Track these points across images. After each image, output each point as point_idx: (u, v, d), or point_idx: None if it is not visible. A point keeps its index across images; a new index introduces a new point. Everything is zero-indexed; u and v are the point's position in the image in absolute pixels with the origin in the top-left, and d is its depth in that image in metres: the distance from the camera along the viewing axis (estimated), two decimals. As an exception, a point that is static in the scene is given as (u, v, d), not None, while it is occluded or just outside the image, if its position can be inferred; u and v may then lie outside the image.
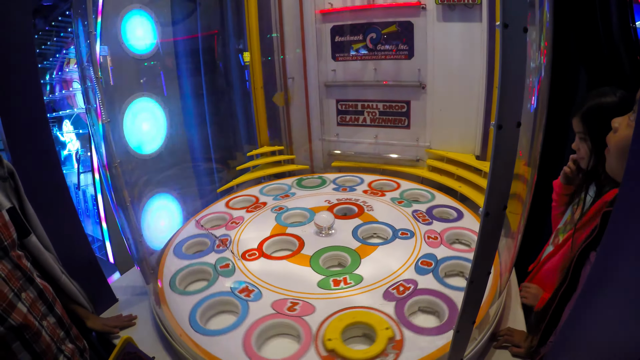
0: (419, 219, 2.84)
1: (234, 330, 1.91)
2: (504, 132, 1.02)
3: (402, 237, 2.61)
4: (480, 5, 3.16)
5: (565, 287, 1.47)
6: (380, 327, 1.83)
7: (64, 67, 6.14)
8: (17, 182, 1.70)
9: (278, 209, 3.17)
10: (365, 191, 3.42)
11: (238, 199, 3.48)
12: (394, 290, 2.10)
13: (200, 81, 3.83)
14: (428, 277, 2.19)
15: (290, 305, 2.05)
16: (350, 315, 1.94)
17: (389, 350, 1.73)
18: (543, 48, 1.54)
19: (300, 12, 3.87)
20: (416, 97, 3.67)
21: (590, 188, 1.98)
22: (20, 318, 1.42)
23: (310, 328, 1.89)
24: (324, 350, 1.75)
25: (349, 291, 2.13)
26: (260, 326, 1.92)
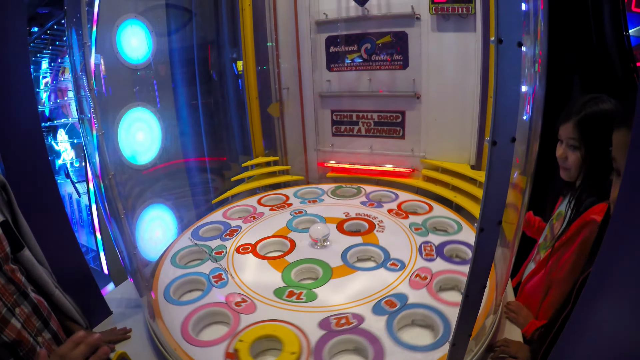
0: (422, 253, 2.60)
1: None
2: (499, 147, 1.02)
3: (390, 267, 2.45)
4: (474, 16, 3.18)
5: (568, 310, 1.45)
6: (288, 348, 1.83)
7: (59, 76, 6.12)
8: (10, 195, 1.67)
9: (297, 212, 3.23)
10: (390, 210, 3.26)
11: (272, 198, 3.66)
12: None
13: (195, 91, 3.82)
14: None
15: (240, 301, 2.16)
16: (271, 327, 1.96)
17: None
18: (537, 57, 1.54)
19: (295, 22, 3.88)
20: (411, 107, 3.68)
21: (574, 202, 1.96)
22: (14, 334, 1.39)
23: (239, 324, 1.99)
24: (232, 347, 1.83)
25: (297, 306, 2.13)
26: (198, 313, 2.10)
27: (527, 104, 1.41)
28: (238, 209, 3.47)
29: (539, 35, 1.50)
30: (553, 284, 1.95)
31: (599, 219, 1.71)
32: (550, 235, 2.09)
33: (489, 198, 1.08)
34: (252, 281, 2.37)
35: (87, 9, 2.08)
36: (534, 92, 1.45)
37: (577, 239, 1.82)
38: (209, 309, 2.15)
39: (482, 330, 1.89)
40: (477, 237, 1.14)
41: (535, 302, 2.06)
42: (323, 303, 2.15)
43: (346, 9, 3.68)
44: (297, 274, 2.45)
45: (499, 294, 1.98)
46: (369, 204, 3.41)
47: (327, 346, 1.84)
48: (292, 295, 2.22)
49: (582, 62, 3.11)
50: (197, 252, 2.76)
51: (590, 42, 2.95)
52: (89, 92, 2.00)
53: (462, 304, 1.32)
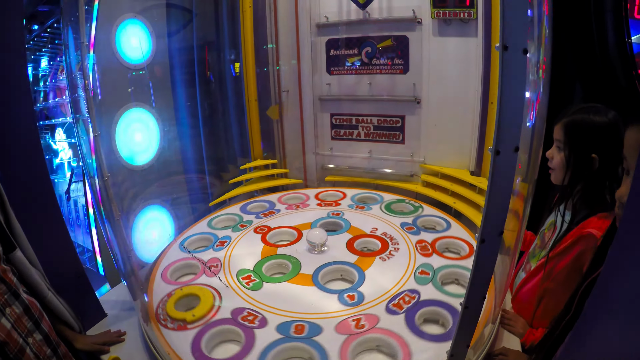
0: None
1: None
2: (502, 157, 1.00)
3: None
4: (476, 21, 3.16)
5: (569, 317, 1.44)
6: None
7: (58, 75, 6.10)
8: (3, 195, 1.66)
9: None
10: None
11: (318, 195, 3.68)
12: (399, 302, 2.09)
13: (194, 92, 3.80)
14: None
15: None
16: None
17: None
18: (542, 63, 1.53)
19: (296, 24, 3.86)
20: (411, 111, 3.66)
21: (564, 212, 1.96)
22: (3, 334, 1.38)
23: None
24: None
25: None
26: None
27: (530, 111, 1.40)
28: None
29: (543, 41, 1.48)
30: (546, 294, 1.95)
31: (595, 233, 1.72)
32: (541, 244, 2.08)
33: (490, 209, 1.06)
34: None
35: (85, 7, 2.05)
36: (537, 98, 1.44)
37: (572, 251, 1.83)
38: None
39: (481, 340, 1.87)
40: (478, 248, 1.12)
41: (528, 311, 2.06)
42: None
43: (347, 12, 3.66)
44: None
45: (498, 304, 1.96)
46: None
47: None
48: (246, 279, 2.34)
49: (584, 69, 3.10)
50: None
51: (593, 49, 2.94)
52: (85, 92, 1.98)
53: (462, 315, 1.31)
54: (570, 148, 1.85)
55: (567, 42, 3.07)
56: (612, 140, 1.76)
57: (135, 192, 3.05)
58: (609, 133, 1.77)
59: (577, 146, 1.83)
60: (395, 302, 2.12)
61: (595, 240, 1.70)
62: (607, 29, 2.86)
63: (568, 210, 1.94)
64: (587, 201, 1.86)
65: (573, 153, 1.84)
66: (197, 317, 2.05)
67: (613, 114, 1.78)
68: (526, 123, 1.42)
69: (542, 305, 1.97)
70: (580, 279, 1.71)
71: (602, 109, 1.80)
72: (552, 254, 1.91)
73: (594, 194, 1.84)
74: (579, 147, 1.83)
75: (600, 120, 1.78)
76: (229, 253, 2.72)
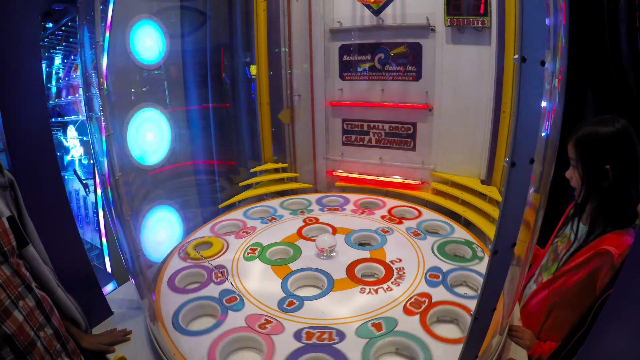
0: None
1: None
2: (517, 169, 0.99)
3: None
4: (489, 29, 3.15)
5: (583, 331, 1.44)
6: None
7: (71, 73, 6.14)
8: (17, 192, 1.68)
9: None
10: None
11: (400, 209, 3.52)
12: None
13: (206, 94, 3.81)
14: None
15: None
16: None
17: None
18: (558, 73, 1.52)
19: (309, 29, 3.87)
20: (423, 119, 3.65)
21: (578, 225, 1.94)
22: (15, 326, 1.39)
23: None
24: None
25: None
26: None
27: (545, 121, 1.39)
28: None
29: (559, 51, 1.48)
30: (556, 308, 1.93)
31: (613, 250, 1.69)
32: (554, 257, 2.06)
33: (504, 221, 1.05)
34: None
35: (101, 7, 2.06)
36: (553, 108, 1.43)
37: (586, 267, 1.80)
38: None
39: (488, 351, 1.85)
40: (491, 259, 1.12)
41: (536, 323, 2.04)
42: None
43: (361, 18, 3.66)
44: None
45: (507, 315, 1.95)
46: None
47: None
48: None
49: (596, 79, 3.09)
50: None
51: (606, 59, 2.93)
52: (99, 91, 1.99)
53: (471, 326, 1.30)
54: (582, 164, 1.83)
55: (579, 52, 3.06)
56: (623, 150, 1.75)
57: (146, 192, 3.06)
58: (618, 143, 1.75)
59: (588, 160, 1.82)
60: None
61: (611, 258, 1.68)
62: (620, 39, 2.85)
63: (584, 224, 1.92)
64: (605, 216, 1.83)
65: (586, 168, 1.82)
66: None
67: (622, 123, 1.75)
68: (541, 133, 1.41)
69: (551, 319, 1.96)
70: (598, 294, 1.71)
71: (610, 119, 1.78)
72: (565, 268, 1.89)
73: (612, 209, 1.81)
74: (590, 161, 1.81)
75: (607, 131, 1.76)
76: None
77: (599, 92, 3.10)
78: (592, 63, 3.06)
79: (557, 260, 1.99)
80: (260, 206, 3.65)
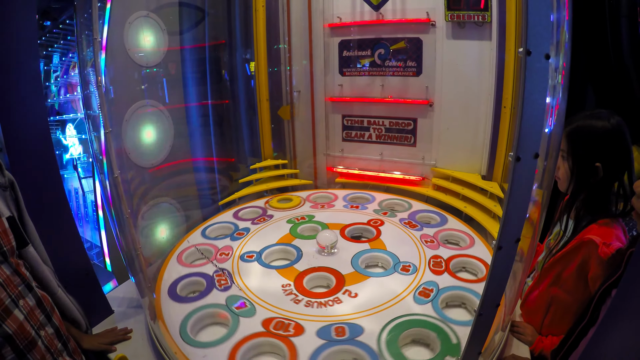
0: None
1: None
2: (522, 163, 0.98)
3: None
4: (490, 24, 3.14)
5: (584, 324, 1.44)
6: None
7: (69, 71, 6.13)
8: (17, 192, 1.67)
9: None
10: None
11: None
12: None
13: (205, 91, 3.80)
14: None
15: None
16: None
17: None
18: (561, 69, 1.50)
19: (309, 25, 3.85)
20: (423, 114, 3.64)
21: (567, 220, 1.95)
22: (15, 325, 1.38)
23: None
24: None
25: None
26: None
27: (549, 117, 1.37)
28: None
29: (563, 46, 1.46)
30: (554, 302, 1.94)
31: (597, 240, 1.70)
32: (547, 253, 2.06)
33: (509, 215, 1.04)
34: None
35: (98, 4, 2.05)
36: (556, 104, 1.41)
37: (575, 258, 1.81)
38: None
39: (491, 346, 1.85)
40: (495, 255, 1.11)
41: (537, 318, 2.05)
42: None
43: (360, 13, 3.65)
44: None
45: (509, 311, 1.94)
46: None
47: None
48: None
49: (597, 75, 3.08)
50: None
51: (607, 55, 2.92)
52: (97, 88, 1.97)
53: (475, 322, 1.29)
54: (573, 157, 1.83)
55: (580, 47, 3.04)
56: (616, 146, 1.74)
57: (145, 190, 3.05)
58: (611, 138, 1.74)
59: (579, 154, 1.81)
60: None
61: (596, 248, 1.68)
62: (621, 35, 2.83)
63: (572, 218, 1.92)
64: (589, 209, 1.84)
65: (576, 162, 1.82)
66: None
67: (616, 119, 1.75)
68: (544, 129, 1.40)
69: (551, 313, 1.96)
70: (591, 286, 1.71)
71: (605, 114, 1.77)
72: (553, 259, 1.90)
73: (597, 202, 1.82)
74: (581, 156, 1.81)
75: (601, 126, 1.75)
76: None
77: (600, 87, 3.09)
78: (593, 58, 3.04)
79: (548, 256, 1.99)
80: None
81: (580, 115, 1.83)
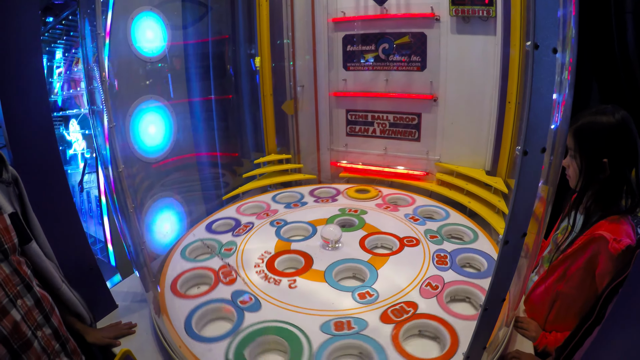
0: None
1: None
2: (529, 158, 0.97)
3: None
4: (495, 19, 3.12)
5: (590, 322, 1.43)
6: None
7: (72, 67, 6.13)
8: (21, 188, 1.67)
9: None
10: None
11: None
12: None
13: (209, 85, 3.80)
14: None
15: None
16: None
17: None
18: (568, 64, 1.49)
19: (312, 20, 3.84)
20: (427, 109, 3.63)
21: (576, 216, 1.94)
22: (11, 325, 1.38)
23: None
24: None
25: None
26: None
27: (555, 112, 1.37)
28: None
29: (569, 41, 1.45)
30: (559, 297, 1.93)
31: (608, 236, 1.69)
32: (555, 248, 2.05)
33: (516, 210, 1.04)
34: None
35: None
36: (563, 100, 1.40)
37: (584, 254, 1.80)
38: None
39: (495, 342, 1.85)
40: (501, 249, 1.10)
41: (541, 314, 2.05)
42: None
43: (364, 8, 3.64)
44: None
45: (513, 307, 1.94)
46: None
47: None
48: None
49: (602, 71, 3.06)
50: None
51: (612, 51, 2.90)
52: (101, 83, 1.97)
53: (480, 317, 1.29)
54: (581, 154, 1.82)
55: (585, 43, 3.03)
56: (622, 140, 1.73)
57: (149, 184, 3.05)
58: (617, 133, 1.73)
59: (587, 151, 1.80)
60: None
61: (606, 243, 1.67)
62: (627, 30, 2.82)
63: (580, 214, 1.91)
64: (599, 204, 1.83)
65: (585, 158, 1.81)
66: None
67: (621, 114, 1.73)
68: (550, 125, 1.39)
69: (555, 309, 1.96)
70: (598, 282, 1.71)
71: (610, 109, 1.76)
72: (563, 256, 1.89)
73: (606, 197, 1.81)
74: (589, 152, 1.79)
75: (607, 121, 1.74)
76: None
77: (605, 83, 3.07)
78: (598, 54, 3.03)
79: (556, 252, 1.98)
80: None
81: (585, 113, 1.82)
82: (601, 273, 1.71)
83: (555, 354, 1.70)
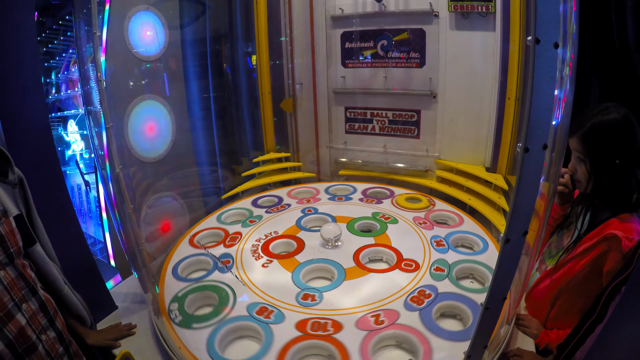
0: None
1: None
2: (531, 155, 0.96)
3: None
4: (494, 15, 3.11)
5: (592, 320, 1.42)
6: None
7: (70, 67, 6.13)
8: (27, 190, 1.66)
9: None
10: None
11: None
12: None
13: (207, 84, 3.79)
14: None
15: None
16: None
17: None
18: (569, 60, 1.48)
19: (311, 16, 3.83)
20: (427, 106, 3.62)
21: (585, 215, 1.92)
22: (16, 330, 1.37)
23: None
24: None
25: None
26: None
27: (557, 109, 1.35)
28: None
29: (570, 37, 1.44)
30: (562, 295, 1.92)
31: (620, 235, 1.68)
32: (558, 244, 2.04)
33: (517, 207, 1.03)
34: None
35: (97, 0, 2.03)
36: (564, 96, 1.39)
37: (592, 252, 1.79)
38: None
39: (496, 340, 1.84)
40: (502, 248, 1.09)
41: (542, 311, 2.04)
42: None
43: (363, 4, 3.62)
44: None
45: (514, 305, 1.93)
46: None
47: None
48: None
49: (602, 67, 3.05)
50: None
51: (612, 47, 2.89)
52: (98, 83, 1.95)
53: (482, 316, 1.28)
54: (590, 157, 1.80)
55: (585, 39, 3.02)
56: (629, 137, 1.72)
57: (147, 185, 3.04)
58: (624, 129, 1.72)
59: (598, 153, 1.79)
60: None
61: (619, 242, 1.66)
62: (627, 26, 2.81)
63: (589, 211, 1.90)
64: (608, 202, 1.82)
65: (595, 161, 1.80)
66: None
67: (624, 110, 1.74)
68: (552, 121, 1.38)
69: (557, 307, 1.95)
70: (605, 279, 1.70)
71: (612, 107, 1.76)
72: (571, 255, 1.88)
73: (616, 195, 1.80)
74: (599, 154, 1.78)
75: (612, 118, 1.73)
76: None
77: (605, 79, 3.06)
78: (598, 50, 3.02)
79: (561, 248, 1.97)
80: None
81: (587, 115, 1.81)
82: (611, 271, 1.70)
83: (556, 351, 1.69)
